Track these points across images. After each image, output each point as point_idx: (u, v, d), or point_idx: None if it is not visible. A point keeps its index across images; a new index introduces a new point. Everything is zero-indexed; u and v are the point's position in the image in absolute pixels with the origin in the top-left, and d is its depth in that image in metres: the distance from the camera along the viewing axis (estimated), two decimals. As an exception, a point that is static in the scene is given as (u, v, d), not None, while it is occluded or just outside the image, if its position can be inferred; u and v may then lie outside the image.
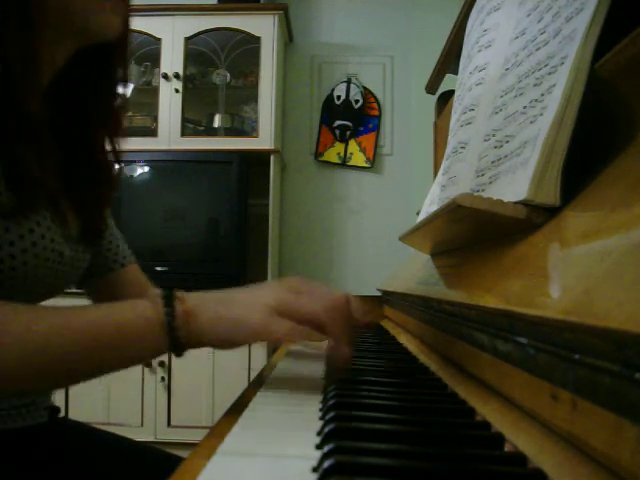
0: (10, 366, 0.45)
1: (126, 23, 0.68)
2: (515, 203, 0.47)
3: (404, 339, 0.92)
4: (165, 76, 2.57)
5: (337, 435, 0.37)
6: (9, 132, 0.56)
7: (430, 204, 0.99)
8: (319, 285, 0.55)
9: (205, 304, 0.52)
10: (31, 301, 0.69)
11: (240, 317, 0.51)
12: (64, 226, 0.66)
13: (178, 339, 0.50)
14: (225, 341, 0.52)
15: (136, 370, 2.32)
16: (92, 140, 0.72)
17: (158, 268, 2.40)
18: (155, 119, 2.64)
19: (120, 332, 0.50)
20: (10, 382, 0.47)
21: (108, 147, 0.74)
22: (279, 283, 0.55)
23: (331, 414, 0.42)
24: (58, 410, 0.78)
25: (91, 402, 2.31)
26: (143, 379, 2.33)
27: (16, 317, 0.47)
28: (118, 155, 0.75)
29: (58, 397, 2.26)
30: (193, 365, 2.31)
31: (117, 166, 0.76)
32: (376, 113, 2.89)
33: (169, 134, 2.57)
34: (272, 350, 2.11)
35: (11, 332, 0.46)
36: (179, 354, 0.52)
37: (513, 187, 0.50)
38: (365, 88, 2.88)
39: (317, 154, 2.90)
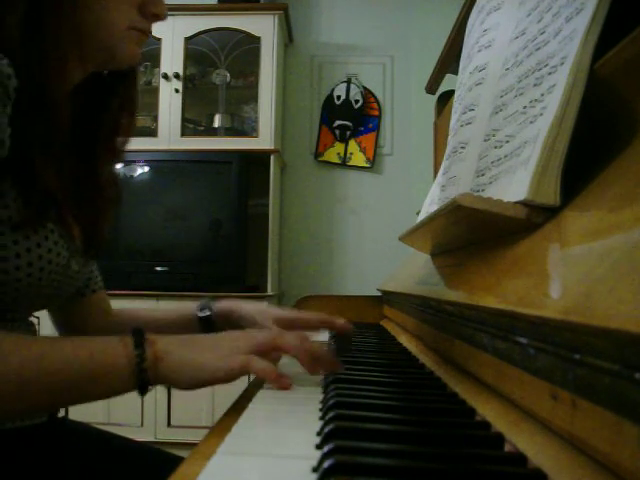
0: (6, 393, 0.49)
1: None
2: (515, 203, 0.47)
3: (404, 339, 0.92)
4: (165, 76, 2.57)
5: (337, 435, 0.37)
6: (34, 143, 0.58)
7: (430, 204, 0.99)
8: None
9: (172, 349, 0.56)
10: (29, 311, 0.71)
11: (203, 361, 0.56)
12: (71, 240, 0.68)
13: (145, 380, 0.54)
14: (188, 384, 0.56)
15: (136, 370, 2.32)
16: (98, 157, 0.74)
17: (158, 268, 2.40)
18: (155, 119, 2.64)
19: (91, 374, 0.53)
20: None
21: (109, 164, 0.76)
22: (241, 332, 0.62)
23: (331, 414, 0.41)
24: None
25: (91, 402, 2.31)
26: (143, 379, 2.33)
27: (15, 350, 0.50)
28: (116, 174, 0.78)
29: (58, 397, 2.26)
30: (193, 365, 2.30)
31: (117, 182, 0.78)
32: (376, 113, 2.89)
33: (169, 134, 2.57)
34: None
35: (9, 363, 0.49)
36: (143, 393, 0.55)
37: (513, 187, 0.50)
38: (365, 88, 2.88)
39: (317, 154, 2.89)
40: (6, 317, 0.65)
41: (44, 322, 0.73)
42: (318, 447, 0.37)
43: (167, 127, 2.57)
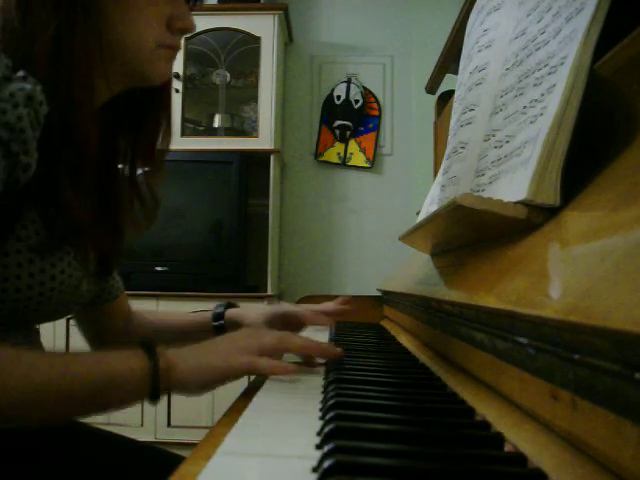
0: (12, 405, 0.50)
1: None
2: (515, 203, 0.47)
3: (404, 339, 0.92)
4: (165, 76, 2.57)
5: (337, 435, 0.37)
6: (61, 168, 0.57)
7: (430, 204, 0.99)
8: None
9: (181, 358, 0.58)
10: (32, 324, 0.71)
11: (212, 364, 0.58)
12: (85, 262, 0.68)
13: (158, 389, 0.56)
14: (199, 388, 0.58)
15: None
16: (128, 180, 0.75)
17: (158, 268, 2.40)
18: (155, 119, 2.64)
19: (111, 382, 0.55)
20: (11, 418, 0.52)
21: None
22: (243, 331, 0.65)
23: (331, 414, 0.41)
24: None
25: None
26: (143, 379, 2.32)
27: (19, 361, 0.51)
28: (155, 197, 0.80)
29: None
30: (193, 365, 2.30)
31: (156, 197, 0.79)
32: (376, 113, 2.89)
33: (169, 134, 2.56)
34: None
35: (14, 376, 0.49)
36: (155, 402, 0.57)
37: (513, 187, 0.50)
38: (365, 88, 2.88)
39: (317, 154, 2.89)
40: (11, 329, 0.65)
41: (44, 332, 0.74)
42: (318, 447, 0.37)
43: (167, 127, 2.57)
